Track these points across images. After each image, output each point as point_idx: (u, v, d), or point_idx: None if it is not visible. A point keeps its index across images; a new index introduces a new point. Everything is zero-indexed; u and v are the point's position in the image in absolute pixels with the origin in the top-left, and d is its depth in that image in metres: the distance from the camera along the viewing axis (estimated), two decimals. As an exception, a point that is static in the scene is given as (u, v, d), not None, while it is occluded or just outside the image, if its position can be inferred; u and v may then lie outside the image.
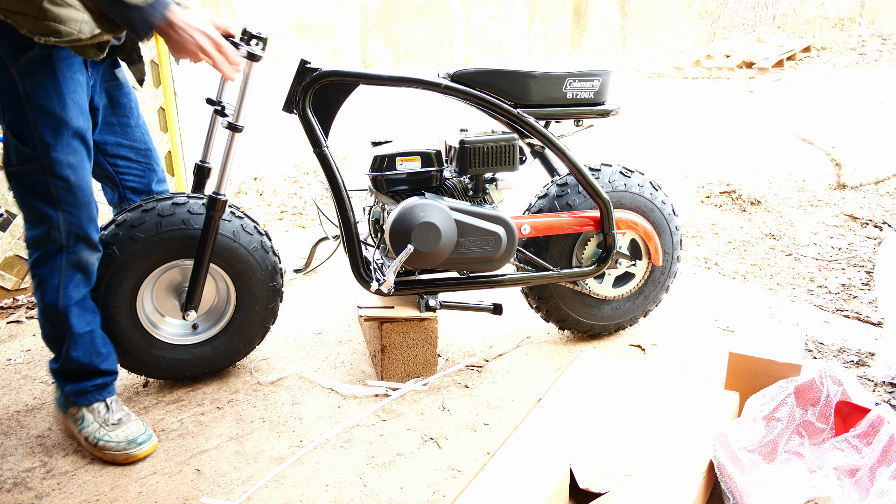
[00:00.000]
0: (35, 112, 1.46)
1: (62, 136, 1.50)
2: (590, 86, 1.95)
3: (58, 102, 1.48)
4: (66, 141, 1.51)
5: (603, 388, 1.62)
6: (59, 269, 1.59)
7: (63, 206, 1.54)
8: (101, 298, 1.75)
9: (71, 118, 1.51)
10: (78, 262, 1.60)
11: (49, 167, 1.50)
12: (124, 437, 1.66)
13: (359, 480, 1.57)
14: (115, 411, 1.72)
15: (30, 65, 1.43)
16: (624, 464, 1.37)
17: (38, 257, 1.58)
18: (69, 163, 1.52)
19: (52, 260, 1.58)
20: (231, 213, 1.86)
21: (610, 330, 2.23)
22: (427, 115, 7.28)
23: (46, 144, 1.49)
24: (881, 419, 1.42)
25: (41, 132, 1.48)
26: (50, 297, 1.59)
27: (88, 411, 1.69)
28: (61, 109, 1.48)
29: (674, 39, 12.20)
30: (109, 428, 1.68)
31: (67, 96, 1.49)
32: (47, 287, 1.59)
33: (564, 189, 2.08)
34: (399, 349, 1.96)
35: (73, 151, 1.53)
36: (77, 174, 1.55)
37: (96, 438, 1.66)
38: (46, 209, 1.54)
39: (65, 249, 1.58)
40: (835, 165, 3.85)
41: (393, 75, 1.84)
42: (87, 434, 1.67)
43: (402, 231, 1.79)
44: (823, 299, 2.64)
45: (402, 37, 17.43)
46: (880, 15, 9.47)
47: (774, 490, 1.35)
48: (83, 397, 1.69)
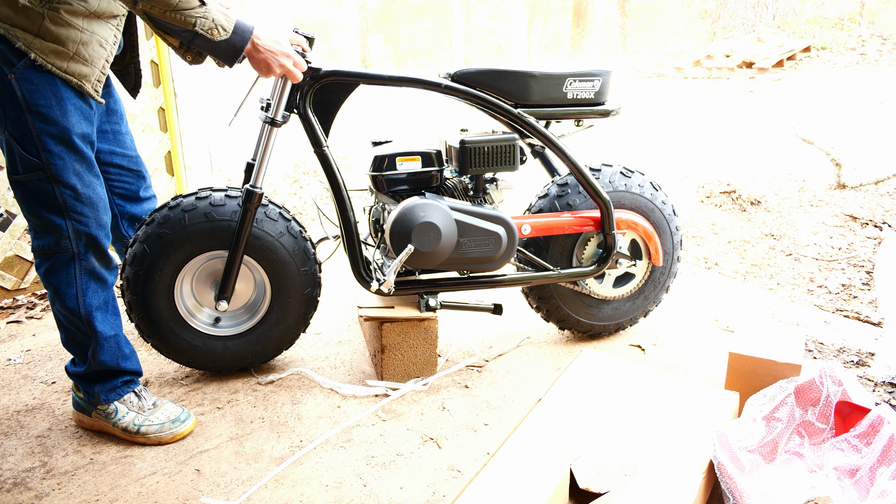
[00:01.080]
0: (36, 119, 1.44)
1: (66, 143, 1.48)
2: (590, 86, 1.95)
3: (58, 108, 1.45)
4: (70, 147, 1.49)
5: (603, 388, 1.62)
6: (74, 278, 1.57)
7: (71, 215, 1.53)
8: (141, 292, 1.79)
9: (73, 124, 1.48)
10: (92, 269, 1.59)
11: (54, 175, 1.48)
12: (165, 417, 1.72)
13: (359, 480, 1.57)
14: (147, 398, 1.75)
15: (27, 71, 1.41)
16: (624, 464, 1.37)
17: (49, 267, 1.57)
18: (75, 170, 1.50)
19: (66, 269, 1.57)
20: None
21: (610, 330, 2.23)
22: (427, 115, 7.28)
23: (50, 152, 1.46)
24: (881, 419, 1.42)
25: (44, 140, 1.45)
26: (71, 304, 1.59)
27: (121, 403, 1.71)
28: (62, 115, 1.46)
29: (674, 39, 12.19)
30: (147, 413, 1.72)
31: (68, 101, 1.47)
32: (66, 296, 1.58)
33: (565, 189, 2.08)
34: (399, 349, 1.96)
35: (78, 158, 1.51)
36: (84, 181, 1.53)
37: (136, 425, 1.69)
38: (54, 218, 1.52)
39: (77, 258, 1.57)
40: (835, 165, 3.85)
41: (393, 75, 1.85)
42: (125, 424, 1.70)
43: (403, 231, 1.79)
44: (823, 299, 2.64)
45: (402, 37, 17.42)
46: (880, 15, 9.46)
47: (774, 490, 1.35)
48: (114, 393, 1.71)
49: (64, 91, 1.46)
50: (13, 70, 1.40)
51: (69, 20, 1.42)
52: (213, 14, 1.42)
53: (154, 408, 1.74)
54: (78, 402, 1.75)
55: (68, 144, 1.48)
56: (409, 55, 17.05)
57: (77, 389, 1.74)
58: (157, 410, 1.74)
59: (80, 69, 1.46)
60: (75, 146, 1.50)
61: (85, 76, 1.48)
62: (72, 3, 1.42)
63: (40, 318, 2.52)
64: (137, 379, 1.77)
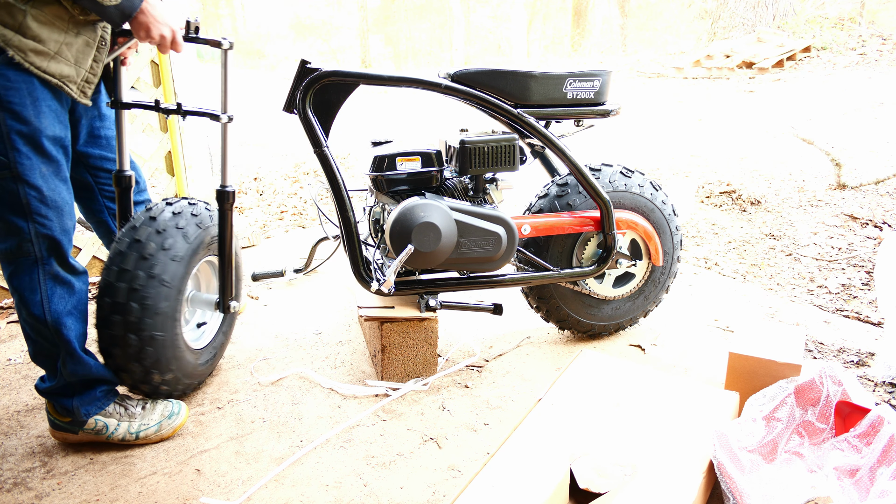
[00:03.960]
0: (8, 117, 1.39)
1: (34, 144, 1.43)
2: (590, 86, 1.95)
3: (32, 108, 1.41)
4: (39, 149, 1.44)
5: (603, 388, 1.62)
6: (38, 283, 1.51)
7: (35, 217, 1.47)
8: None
9: (45, 126, 1.44)
10: (56, 274, 1.53)
11: (20, 175, 1.43)
12: (159, 415, 1.70)
13: (359, 480, 1.57)
14: (133, 403, 1.71)
15: (4, 68, 1.37)
16: (624, 464, 1.37)
17: (12, 271, 1.51)
18: (41, 172, 1.46)
19: (29, 274, 1.51)
20: (189, 203, 1.81)
21: (610, 330, 2.23)
22: (427, 115, 7.28)
23: (17, 151, 1.42)
24: (881, 419, 1.42)
25: (13, 138, 1.41)
26: (37, 311, 1.52)
27: (106, 417, 1.65)
28: (35, 116, 1.42)
29: (674, 39, 12.19)
30: (139, 417, 1.69)
31: (43, 102, 1.43)
32: (30, 302, 1.52)
33: (565, 189, 2.08)
34: (399, 349, 1.96)
35: (45, 160, 1.46)
36: (50, 184, 1.48)
37: (134, 433, 1.67)
38: (17, 220, 1.46)
39: (40, 262, 1.51)
40: (835, 165, 3.85)
41: (393, 75, 1.84)
42: (122, 435, 1.68)
43: (403, 231, 1.79)
44: (823, 299, 2.64)
45: (402, 37, 17.42)
46: (880, 15, 9.47)
47: (774, 490, 1.35)
48: (94, 406, 1.64)
49: (40, 91, 1.42)
50: None
51: (52, 18, 1.39)
52: None
53: (145, 411, 1.70)
54: (56, 423, 1.66)
55: (37, 146, 1.44)
56: (409, 55, 17.05)
57: (53, 411, 1.65)
58: (149, 412, 1.70)
59: (61, 69, 1.43)
60: (44, 148, 1.45)
61: (68, 77, 1.44)
62: (58, 1, 1.39)
63: (40, 318, 2.52)
64: (114, 387, 1.71)
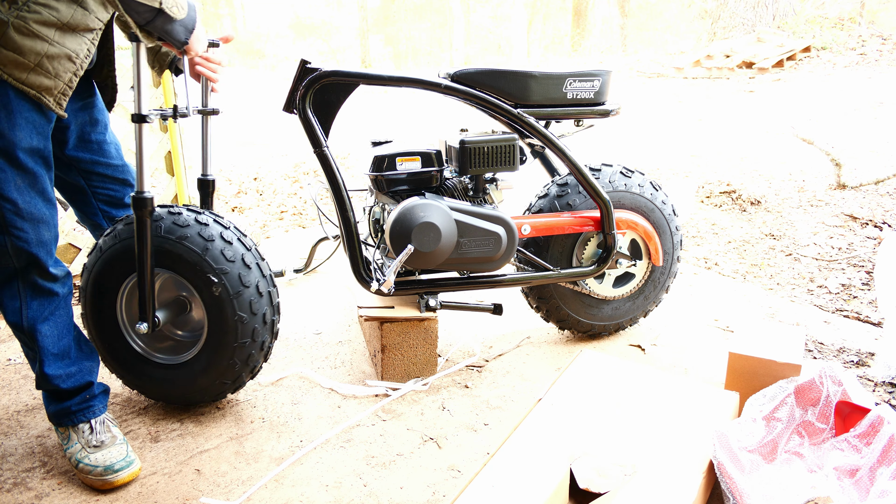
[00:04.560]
0: None
1: (8, 157, 1.42)
2: (590, 86, 1.95)
3: (6, 121, 1.39)
4: (13, 161, 1.43)
5: (603, 388, 1.62)
6: (17, 292, 1.52)
7: (10, 230, 1.46)
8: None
9: (20, 138, 1.42)
10: (34, 284, 1.53)
11: None
12: (102, 462, 1.57)
13: (359, 480, 1.57)
14: (100, 433, 1.63)
15: None
16: (624, 464, 1.37)
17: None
18: (16, 184, 1.44)
19: (9, 283, 1.51)
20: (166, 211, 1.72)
21: (610, 330, 2.23)
22: (427, 115, 7.28)
23: None
24: (881, 419, 1.42)
25: None
26: (13, 318, 1.53)
27: (74, 431, 1.63)
28: (10, 128, 1.40)
29: (674, 39, 12.20)
30: (90, 450, 1.60)
31: (19, 115, 1.41)
32: (8, 309, 1.53)
33: (565, 189, 2.08)
34: (399, 349, 1.96)
35: (20, 173, 1.44)
36: (25, 197, 1.46)
37: (77, 460, 1.59)
38: None
39: (19, 273, 1.51)
40: (835, 165, 3.85)
41: (393, 75, 1.84)
42: (70, 454, 1.62)
43: (403, 231, 1.79)
44: (823, 299, 2.64)
45: (402, 37, 17.42)
46: (880, 15, 9.47)
47: (774, 490, 1.35)
48: (66, 418, 1.63)
49: (16, 103, 1.40)
50: None
51: (37, 31, 1.37)
52: None
53: (99, 447, 1.61)
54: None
55: (11, 159, 1.43)
56: (409, 55, 17.05)
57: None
58: (100, 451, 1.60)
59: (40, 81, 1.41)
60: (18, 161, 1.44)
61: (47, 89, 1.43)
62: (41, 13, 1.37)
63: (40, 318, 2.52)
64: (96, 408, 1.66)
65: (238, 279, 1.69)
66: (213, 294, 1.68)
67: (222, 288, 1.68)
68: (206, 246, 1.67)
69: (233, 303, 1.69)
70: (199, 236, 1.67)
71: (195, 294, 1.71)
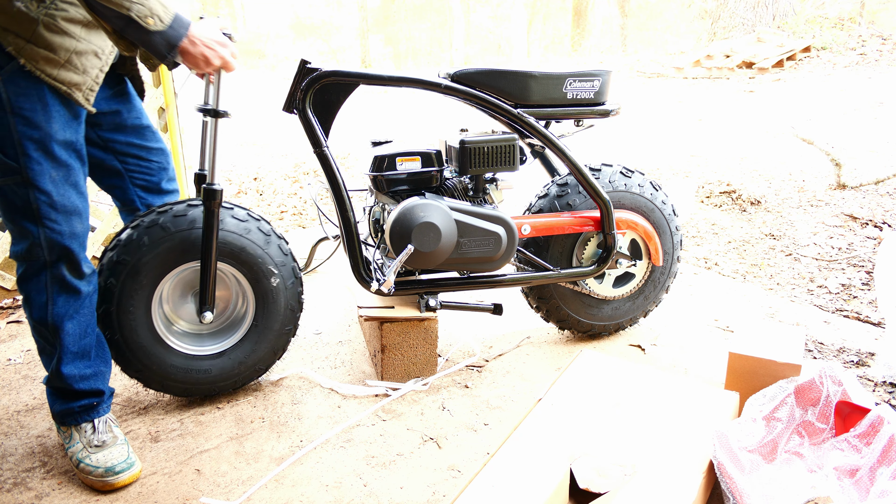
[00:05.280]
0: (19, 123, 1.40)
1: (45, 149, 1.44)
2: (590, 86, 1.95)
3: (42, 114, 1.42)
4: (49, 153, 1.45)
5: (603, 388, 1.62)
6: (45, 286, 1.53)
7: (44, 222, 1.48)
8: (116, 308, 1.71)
9: (55, 130, 1.45)
10: (62, 279, 1.54)
11: (30, 180, 1.44)
12: (103, 463, 1.58)
13: (359, 480, 1.57)
14: (102, 432, 1.64)
15: (14, 73, 1.38)
16: (624, 464, 1.37)
17: (23, 273, 1.53)
18: (51, 177, 1.46)
19: (37, 277, 1.52)
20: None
21: (610, 330, 2.23)
22: (427, 115, 7.28)
23: (28, 157, 1.43)
24: (881, 419, 1.42)
25: (24, 144, 1.42)
26: (38, 314, 1.54)
27: (76, 430, 1.64)
28: (46, 121, 1.43)
29: (674, 39, 12.20)
30: (92, 450, 1.61)
31: (53, 108, 1.44)
32: (34, 304, 1.54)
33: (565, 189, 2.08)
34: (399, 349, 1.96)
35: (56, 165, 1.47)
36: (60, 189, 1.48)
37: (78, 460, 1.60)
38: (27, 225, 1.48)
39: (48, 266, 1.52)
40: (835, 165, 3.85)
41: (393, 75, 1.84)
42: (72, 454, 1.62)
43: (403, 231, 1.79)
44: (823, 299, 2.64)
45: (402, 37, 17.42)
46: (880, 15, 9.47)
47: (774, 490, 1.35)
48: (70, 418, 1.63)
49: (50, 97, 1.43)
50: (0, 73, 1.37)
51: (65, 28, 1.40)
52: (150, 2, 1.37)
53: (101, 447, 1.61)
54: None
55: (47, 151, 1.45)
56: (409, 55, 17.05)
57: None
58: (101, 451, 1.60)
59: (70, 77, 1.44)
60: (54, 153, 1.46)
61: (76, 84, 1.45)
62: (68, 11, 1.40)
63: (40, 318, 2.52)
64: (101, 408, 1.67)
65: (292, 272, 1.86)
66: (270, 285, 1.83)
67: (280, 280, 1.83)
68: (266, 240, 1.82)
69: (286, 294, 1.86)
70: (259, 231, 1.81)
71: (247, 285, 1.83)
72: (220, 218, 1.72)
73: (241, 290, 1.87)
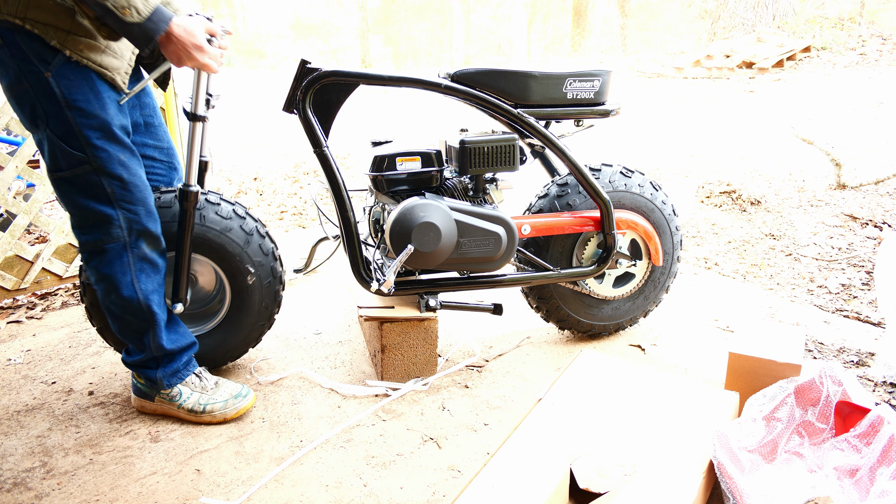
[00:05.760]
0: (76, 115, 1.47)
1: (108, 135, 1.52)
2: (590, 86, 1.95)
3: (96, 102, 1.49)
4: (112, 139, 1.53)
5: (603, 388, 1.62)
6: (128, 266, 1.61)
7: (121, 204, 1.56)
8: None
9: (112, 116, 1.52)
10: (144, 255, 1.63)
11: (100, 167, 1.52)
12: (228, 394, 1.78)
13: (359, 480, 1.57)
14: (208, 378, 1.81)
15: (62, 67, 1.44)
16: (624, 464, 1.37)
17: (101, 259, 1.60)
18: (119, 160, 1.54)
19: (119, 258, 1.60)
20: (205, 201, 1.83)
21: (610, 330, 2.23)
22: (427, 115, 7.28)
23: (93, 146, 1.50)
24: (881, 419, 1.42)
25: (86, 134, 1.49)
26: (128, 293, 1.62)
27: (184, 386, 1.76)
28: (101, 109, 1.50)
29: (674, 39, 12.20)
30: (210, 392, 1.78)
31: (104, 94, 1.51)
32: (122, 284, 1.61)
33: (565, 189, 2.08)
34: (399, 349, 1.96)
35: (121, 148, 1.55)
36: (129, 171, 1.57)
37: (202, 405, 1.76)
38: (104, 209, 1.55)
39: (129, 246, 1.60)
40: (835, 165, 3.85)
41: (393, 75, 1.85)
42: (191, 405, 1.76)
43: (403, 231, 1.79)
44: (823, 299, 2.64)
45: (402, 37, 17.42)
46: (880, 15, 9.47)
47: (774, 490, 1.35)
48: (175, 377, 1.75)
49: (100, 84, 1.50)
50: (49, 68, 1.43)
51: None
52: None
53: (216, 387, 1.80)
54: (140, 388, 1.79)
55: (110, 136, 1.52)
56: (409, 55, 17.05)
57: (138, 376, 1.78)
58: (219, 389, 1.80)
59: (112, 62, 1.51)
60: (117, 137, 1.54)
61: (116, 69, 1.52)
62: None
63: (40, 318, 2.52)
64: (193, 358, 1.81)
65: (270, 271, 1.92)
66: (246, 282, 1.89)
67: (256, 278, 1.89)
68: (247, 239, 1.87)
69: (261, 292, 1.92)
70: (240, 229, 1.86)
71: (224, 278, 1.89)
72: (203, 214, 1.80)
73: (219, 281, 1.94)
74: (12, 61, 1.43)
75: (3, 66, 1.46)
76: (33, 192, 2.62)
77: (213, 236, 1.82)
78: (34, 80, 1.44)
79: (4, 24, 1.41)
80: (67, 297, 2.73)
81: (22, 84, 1.45)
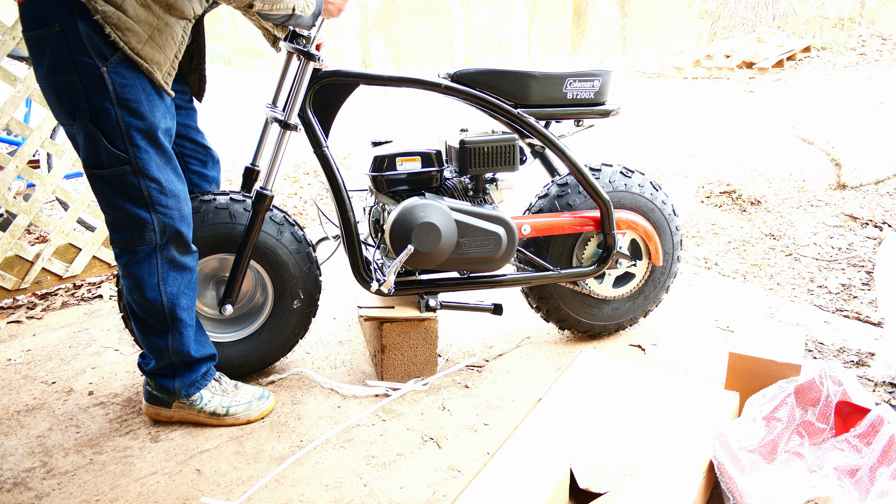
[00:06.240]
0: (126, 114, 1.47)
1: (151, 139, 1.51)
2: (590, 86, 1.95)
3: (147, 104, 1.49)
4: (155, 142, 1.52)
5: (603, 388, 1.62)
6: (156, 267, 1.60)
7: (156, 208, 1.56)
8: None
9: (159, 119, 1.52)
10: (172, 259, 1.62)
11: (140, 169, 1.51)
12: (251, 395, 1.80)
13: (359, 480, 1.57)
14: (227, 382, 1.81)
15: (119, 64, 1.44)
16: (624, 464, 1.37)
17: (131, 259, 1.59)
18: (157, 164, 1.54)
19: (148, 260, 1.59)
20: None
21: (610, 330, 2.23)
22: (427, 115, 7.28)
23: (137, 147, 1.50)
24: (881, 419, 1.42)
25: (132, 134, 1.49)
26: (152, 294, 1.61)
27: (205, 391, 1.76)
28: (151, 111, 1.50)
29: (674, 39, 12.20)
30: (232, 395, 1.78)
31: (155, 97, 1.51)
32: (147, 285, 1.60)
33: (565, 189, 2.08)
34: (399, 349, 1.96)
35: (160, 153, 1.55)
36: (166, 175, 1.56)
37: (225, 407, 1.76)
38: (139, 211, 1.55)
39: (159, 249, 1.59)
40: (835, 165, 3.84)
41: (393, 75, 1.85)
42: (213, 408, 1.76)
43: (403, 231, 1.79)
44: (823, 299, 2.64)
45: (402, 37, 17.42)
46: (880, 15, 9.47)
47: (774, 490, 1.35)
48: (194, 387, 1.74)
49: (151, 88, 1.51)
50: (106, 64, 1.42)
51: (147, 2, 1.45)
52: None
53: (237, 389, 1.81)
54: (154, 395, 1.76)
55: (153, 140, 1.52)
56: (409, 55, 17.05)
57: (151, 383, 1.76)
58: (240, 391, 1.80)
59: (153, 55, 1.48)
60: (159, 142, 1.54)
61: (158, 63, 1.50)
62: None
63: (40, 318, 2.52)
64: (213, 368, 1.80)
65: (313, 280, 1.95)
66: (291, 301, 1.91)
67: (301, 303, 1.94)
68: (298, 247, 1.90)
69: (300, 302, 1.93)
70: (292, 236, 1.89)
71: (269, 287, 1.91)
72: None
73: (261, 283, 1.94)
74: (66, 51, 1.40)
75: (51, 54, 1.41)
76: (33, 192, 2.62)
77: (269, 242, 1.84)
78: (87, 73, 1.42)
79: (67, 8, 1.37)
80: (67, 297, 2.73)
81: (70, 75, 1.42)
